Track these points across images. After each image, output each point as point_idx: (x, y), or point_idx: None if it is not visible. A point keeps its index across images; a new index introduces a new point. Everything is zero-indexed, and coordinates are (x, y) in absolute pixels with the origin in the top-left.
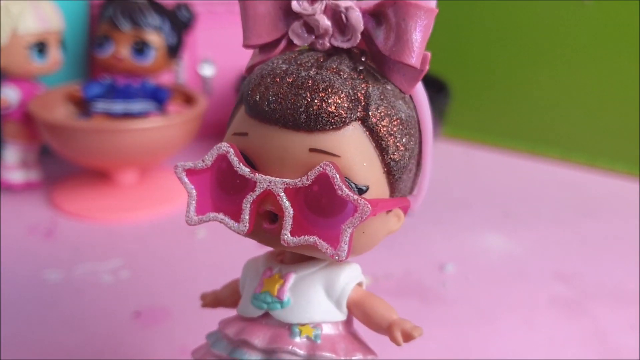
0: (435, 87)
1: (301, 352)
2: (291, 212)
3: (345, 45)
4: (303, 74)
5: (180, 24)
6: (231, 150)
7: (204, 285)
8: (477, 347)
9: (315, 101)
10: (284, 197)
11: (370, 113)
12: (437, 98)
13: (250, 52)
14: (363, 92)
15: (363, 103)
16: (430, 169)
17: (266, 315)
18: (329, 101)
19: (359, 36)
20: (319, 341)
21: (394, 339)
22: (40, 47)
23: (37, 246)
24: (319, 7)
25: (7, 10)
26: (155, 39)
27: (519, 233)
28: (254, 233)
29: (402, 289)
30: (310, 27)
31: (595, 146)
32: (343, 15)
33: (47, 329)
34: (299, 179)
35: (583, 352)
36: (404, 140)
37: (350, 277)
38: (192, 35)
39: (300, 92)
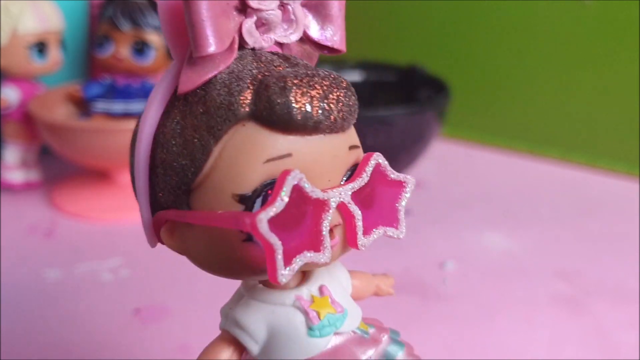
0: (435, 87)
1: (383, 339)
2: (359, 214)
3: (289, 40)
4: (321, 73)
5: None
6: (302, 175)
7: (204, 284)
8: (477, 344)
9: (348, 100)
10: (352, 203)
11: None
12: (437, 98)
13: None
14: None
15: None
16: None
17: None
18: (354, 96)
19: (302, 28)
20: (372, 329)
21: (387, 294)
22: (40, 47)
23: (37, 246)
24: (275, 2)
25: (7, 10)
26: (155, 39)
27: (519, 232)
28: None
29: (402, 286)
30: (260, 22)
31: (595, 146)
32: (290, 10)
33: (47, 328)
34: (360, 179)
35: (583, 349)
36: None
37: (344, 269)
38: None
39: (343, 91)
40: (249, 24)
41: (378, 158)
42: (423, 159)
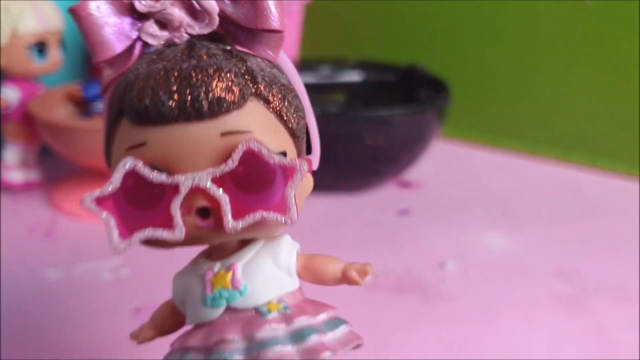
0: (435, 87)
1: (280, 325)
2: (226, 198)
3: (205, 31)
4: (184, 65)
5: None
6: (138, 162)
7: None
8: (477, 344)
9: (212, 86)
10: (214, 187)
11: (260, 86)
12: (437, 98)
13: None
14: (244, 68)
15: (249, 77)
16: (316, 127)
17: (226, 311)
18: (225, 82)
19: (217, 18)
20: (289, 311)
21: (351, 280)
22: (40, 47)
23: (37, 246)
24: (167, 1)
25: (7, 10)
26: None
27: (519, 232)
28: (189, 237)
29: (402, 286)
30: (162, 24)
31: (595, 146)
32: (195, 2)
33: (47, 328)
34: (225, 164)
35: (583, 349)
36: (294, 102)
37: (290, 245)
38: None
39: (192, 81)
40: (146, 25)
41: (249, 143)
42: (423, 159)
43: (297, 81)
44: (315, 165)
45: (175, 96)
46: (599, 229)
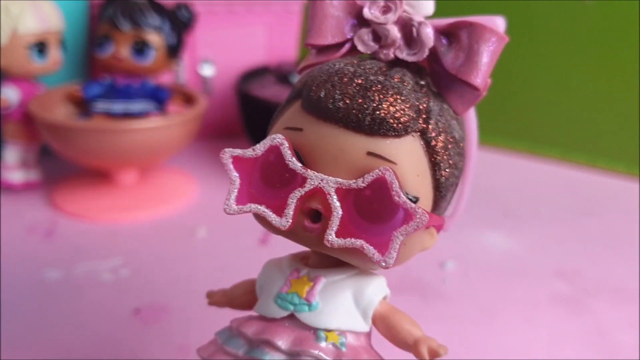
0: None
1: (327, 358)
2: (340, 212)
3: (411, 59)
4: (372, 77)
5: (180, 24)
6: (285, 143)
7: (204, 284)
8: (477, 344)
9: (384, 105)
10: (335, 197)
11: (430, 127)
12: None
13: (249, 53)
14: (425, 105)
15: (424, 116)
16: (469, 194)
17: (290, 317)
18: (397, 107)
19: (427, 51)
20: (344, 349)
21: (420, 355)
22: (40, 47)
23: (37, 246)
24: (391, 17)
25: (7, 10)
26: (155, 39)
27: (519, 232)
28: (292, 231)
29: (402, 286)
30: (377, 36)
31: (595, 146)
32: (414, 29)
33: (47, 328)
34: (354, 181)
35: (583, 349)
36: (455, 159)
37: (378, 288)
38: (192, 35)
39: (369, 94)
40: (362, 32)
41: (385, 172)
42: None
43: (471, 144)
44: (446, 227)
45: (347, 100)
46: (599, 229)
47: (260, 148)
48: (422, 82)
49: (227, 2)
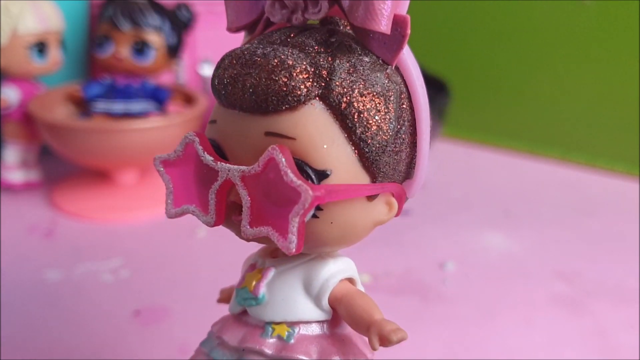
0: (435, 87)
1: (268, 352)
2: (248, 201)
3: (314, 17)
4: (259, 52)
5: (180, 24)
6: (196, 139)
7: (204, 285)
8: (477, 345)
9: (263, 80)
10: (241, 186)
11: (333, 88)
12: (437, 98)
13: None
14: (326, 66)
15: (325, 78)
16: (426, 151)
17: (245, 312)
18: (278, 79)
19: (327, 5)
20: (291, 341)
21: (369, 342)
22: (40, 47)
23: (37, 246)
24: None
25: (7, 10)
26: (155, 39)
27: (519, 232)
28: (229, 226)
29: (402, 287)
30: (284, 3)
31: (595, 146)
32: None
33: (47, 329)
34: (252, 166)
35: (583, 350)
36: (377, 117)
37: (333, 271)
38: (192, 35)
39: (249, 71)
40: (269, 3)
41: (274, 151)
42: None
43: (417, 94)
44: (410, 193)
45: (233, 82)
46: (599, 229)
47: (179, 148)
48: (333, 40)
49: None
